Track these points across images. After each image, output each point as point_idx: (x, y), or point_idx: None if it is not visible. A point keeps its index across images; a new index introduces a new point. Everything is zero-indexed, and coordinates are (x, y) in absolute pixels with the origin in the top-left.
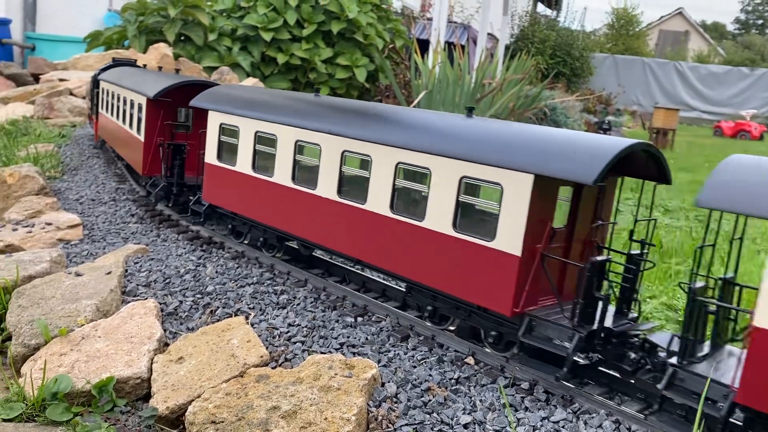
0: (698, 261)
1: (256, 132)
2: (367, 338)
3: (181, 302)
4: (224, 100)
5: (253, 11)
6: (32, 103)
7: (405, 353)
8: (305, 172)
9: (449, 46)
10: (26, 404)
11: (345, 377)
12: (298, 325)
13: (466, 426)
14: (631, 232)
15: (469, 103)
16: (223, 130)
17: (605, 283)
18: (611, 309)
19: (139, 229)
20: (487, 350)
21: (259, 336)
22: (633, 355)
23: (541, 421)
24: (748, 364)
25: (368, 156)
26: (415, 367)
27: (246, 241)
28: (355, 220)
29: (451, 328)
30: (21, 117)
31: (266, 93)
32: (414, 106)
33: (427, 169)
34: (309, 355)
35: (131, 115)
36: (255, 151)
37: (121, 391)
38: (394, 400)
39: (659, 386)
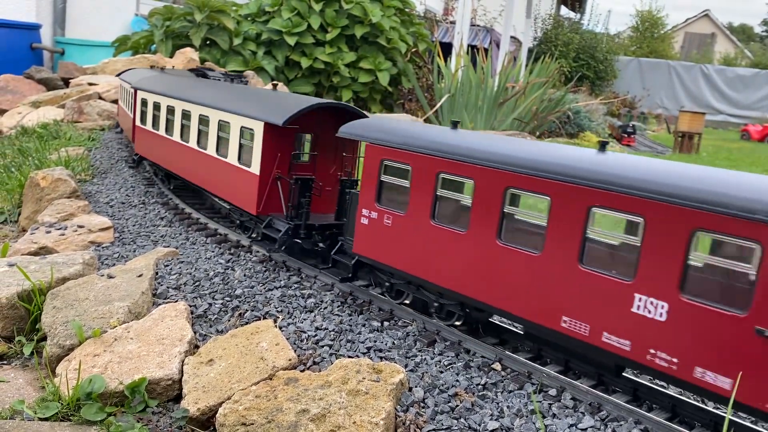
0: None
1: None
2: (393, 343)
3: (210, 305)
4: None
5: (277, 16)
6: (62, 107)
7: (432, 358)
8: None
9: (472, 49)
10: (61, 404)
11: (373, 381)
12: (326, 328)
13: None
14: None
15: (491, 106)
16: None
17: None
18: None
19: (169, 232)
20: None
21: (288, 339)
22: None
23: (568, 428)
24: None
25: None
26: (441, 372)
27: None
28: None
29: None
30: (51, 121)
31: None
32: (436, 110)
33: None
34: (336, 358)
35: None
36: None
37: (153, 392)
38: (422, 405)
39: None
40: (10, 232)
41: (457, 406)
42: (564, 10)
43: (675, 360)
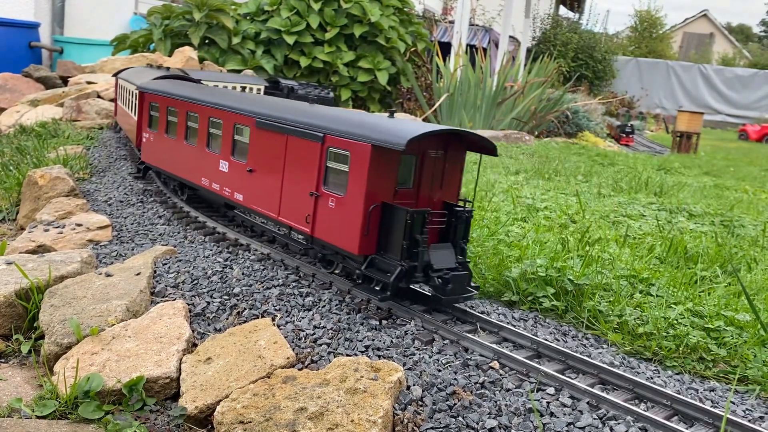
0: None
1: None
2: (392, 341)
3: (208, 303)
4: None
5: (276, 15)
6: (61, 106)
7: (430, 357)
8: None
9: (471, 49)
10: (59, 402)
11: (371, 380)
12: (324, 327)
13: (491, 430)
14: None
15: (490, 105)
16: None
17: None
18: None
19: (167, 231)
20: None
21: (286, 337)
22: None
23: (566, 426)
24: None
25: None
26: (440, 370)
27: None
28: None
29: None
30: (50, 119)
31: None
32: (436, 109)
33: None
34: (335, 357)
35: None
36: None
37: (151, 390)
38: (420, 403)
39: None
40: (8, 231)
41: (456, 404)
42: (563, 10)
43: (228, 190)
